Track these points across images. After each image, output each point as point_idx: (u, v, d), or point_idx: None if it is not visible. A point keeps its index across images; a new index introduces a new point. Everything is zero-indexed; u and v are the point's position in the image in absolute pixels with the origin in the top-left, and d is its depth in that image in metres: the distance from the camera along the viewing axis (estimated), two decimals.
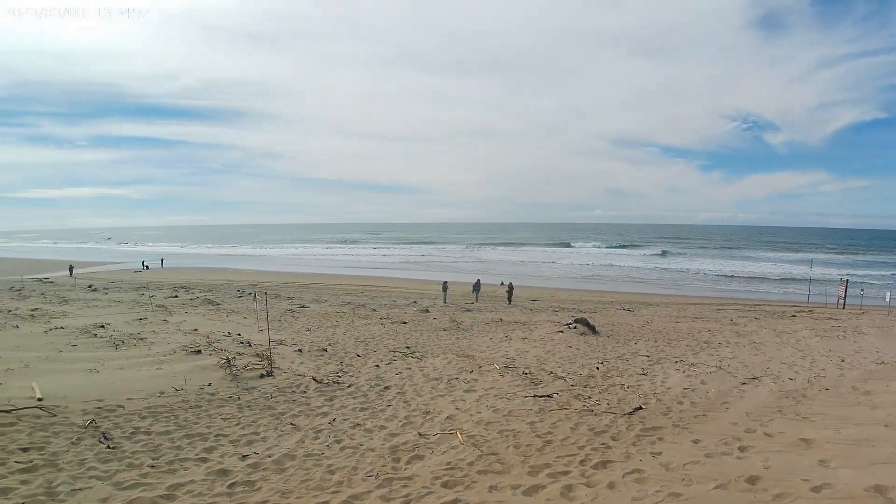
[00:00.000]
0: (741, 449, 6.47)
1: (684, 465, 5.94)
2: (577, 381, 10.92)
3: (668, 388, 10.20)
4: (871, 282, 47.98)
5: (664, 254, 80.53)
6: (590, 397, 9.59)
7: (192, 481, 6.04)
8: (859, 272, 56.59)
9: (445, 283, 33.02)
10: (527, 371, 11.70)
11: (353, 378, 11.17)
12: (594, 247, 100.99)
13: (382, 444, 7.35)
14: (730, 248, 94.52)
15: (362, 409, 9.08)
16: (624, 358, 13.58)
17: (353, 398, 9.74)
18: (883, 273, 57.74)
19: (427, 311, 25.09)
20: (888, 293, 31.71)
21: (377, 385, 10.63)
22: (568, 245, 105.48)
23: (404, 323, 20.37)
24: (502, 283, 39.48)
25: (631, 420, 8.09)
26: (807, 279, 45.58)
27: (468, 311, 26.25)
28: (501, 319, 21.99)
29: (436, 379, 11.10)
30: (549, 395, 9.59)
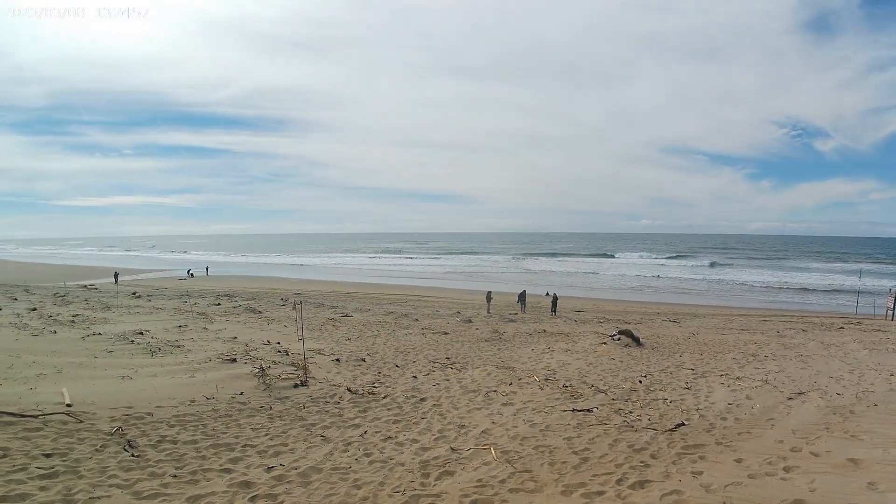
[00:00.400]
0: (786, 469, 6.34)
1: (726, 486, 5.85)
2: (619, 395, 10.79)
3: (712, 404, 10.00)
4: None
5: (713, 265, 78.72)
6: (631, 412, 9.47)
7: (213, 493, 6.03)
8: None
9: (489, 293, 33.00)
10: (567, 384, 11.61)
11: (390, 389, 11.24)
12: (640, 257, 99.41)
13: (413, 459, 7.29)
14: (778, 259, 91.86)
15: (396, 422, 9.11)
16: (668, 371, 13.36)
17: (388, 410, 9.79)
18: None
19: (470, 321, 25.03)
20: None
21: (413, 396, 10.68)
22: (613, 256, 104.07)
23: (445, 333, 20.37)
24: (547, 294, 39.24)
25: (672, 437, 7.97)
26: (855, 290, 44.04)
27: (511, 321, 26.05)
28: (545, 330, 21.78)
29: (473, 391, 11.10)
30: (588, 410, 9.51)
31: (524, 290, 34.70)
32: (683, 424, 8.54)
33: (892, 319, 30.29)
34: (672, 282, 59.71)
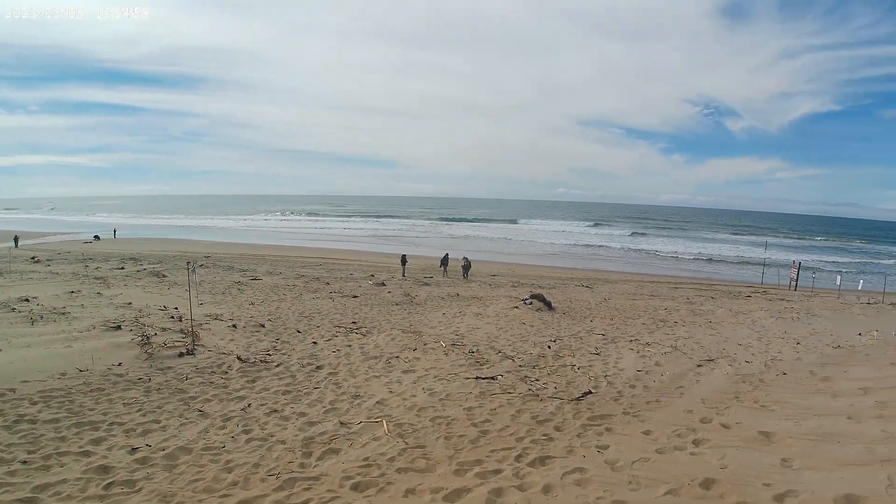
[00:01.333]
0: (695, 443, 5.95)
1: (633, 462, 5.37)
2: (527, 361, 10.31)
3: (621, 370, 9.67)
4: (822, 266, 49.20)
5: (633, 234, 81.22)
6: (537, 380, 8.97)
7: (64, 480, 5.22)
8: (811, 256, 58.17)
9: (404, 256, 32.32)
10: (474, 349, 11.05)
11: (285, 356, 10.31)
12: (558, 224, 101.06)
13: (296, 436, 6.53)
14: (687, 230, 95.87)
15: (285, 392, 8.25)
16: (578, 336, 13.06)
17: (279, 379, 8.89)
18: (834, 259, 59.60)
19: (383, 284, 24.44)
20: (839, 277, 32.80)
21: (309, 364, 9.81)
22: (530, 222, 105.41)
23: (355, 297, 19.51)
24: (465, 259, 38.94)
25: (578, 406, 7.50)
26: (761, 261, 46.34)
27: (426, 285, 25.77)
28: (458, 294, 21.38)
29: (375, 357, 10.36)
30: (492, 378, 8.94)
31: (447, 254, 34.12)
32: (591, 393, 8.10)
33: (796, 289, 32.05)
34: (586, 249, 61.58)
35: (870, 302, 24.12)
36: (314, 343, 11.49)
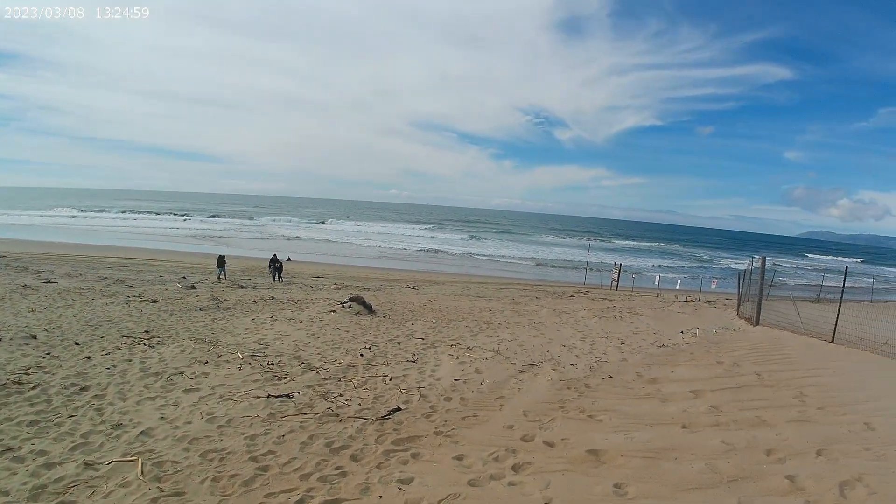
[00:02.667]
0: (515, 468, 5.12)
1: (439, 502, 4.31)
2: (333, 372, 9.07)
3: (438, 380, 8.78)
4: (642, 268, 53.27)
5: (468, 237, 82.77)
6: (341, 395, 7.78)
7: None
8: (632, 259, 62.72)
9: (221, 256, 29.68)
10: (276, 361, 9.60)
11: (48, 375, 8.13)
12: (385, 227, 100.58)
13: (24, 484, 4.83)
14: (515, 233, 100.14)
15: (32, 424, 6.27)
16: (396, 341, 12.07)
17: (30, 406, 6.83)
18: (653, 261, 65.24)
19: (193, 287, 21.97)
20: (657, 277, 35.19)
21: (74, 385, 7.76)
22: (361, 223, 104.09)
23: (155, 301, 17.03)
24: (289, 259, 39.45)
25: (384, 427, 6.42)
26: (584, 263, 48.79)
27: (241, 287, 23.75)
28: (273, 297, 19.64)
29: (156, 374, 8.54)
30: (287, 395, 7.59)
31: (275, 255, 31.65)
32: (399, 409, 7.07)
33: (616, 289, 33.83)
34: (417, 251, 61.20)
35: (687, 300, 25.80)
36: (88, 358, 9.35)
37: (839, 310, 12.43)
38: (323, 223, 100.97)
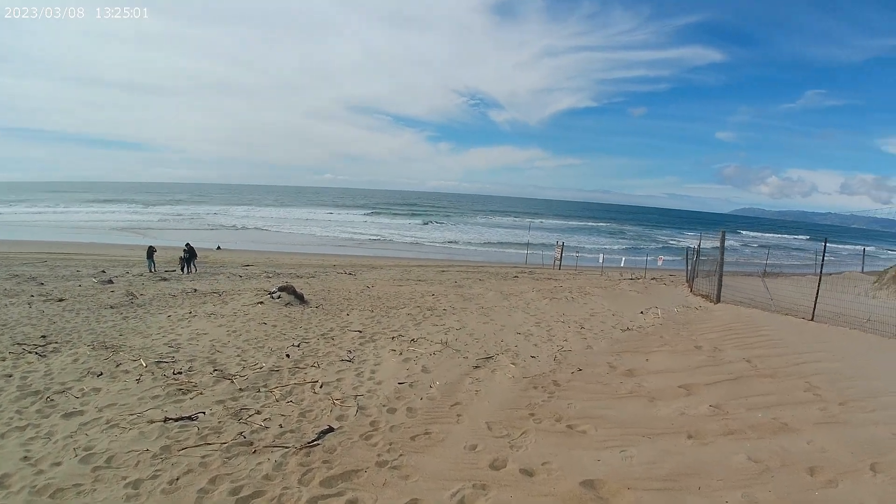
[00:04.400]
0: None
1: None
2: (252, 380, 7.48)
3: (379, 384, 7.31)
4: (583, 246, 52.82)
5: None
6: (259, 412, 6.21)
7: None
8: (571, 238, 62.49)
9: (151, 248, 27.37)
10: (184, 368, 7.92)
11: None
12: (321, 210, 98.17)
13: None
14: (453, 215, 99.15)
15: None
16: (330, 336, 10.55)
17: None
18: (592, 240, 65.32)
19: (110, 281, 19.80)
20: (601, 255, 34.56)
21: None
22: (297, 208, 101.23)
23: (61, 300, 14.83)
24: (219, 248, 38.53)
25: (311, 459, 4.92)
26: (524, 243, 48.10)
27: (164, 280, 21.79)
28: (196, 290, 17.73)
29: (34, 393, 6.73)
30: (190, 417, 6.00)
31: (188, 244, 29.45)
32: (331, 430, 5.58)
33: (560, 269, 33.01)
34: (353, 235, 59.25)
35: (633, 278, 25.12)
36: None
37: (819, 286, 11.59)
38: (255, 209, 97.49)
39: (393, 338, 10.27)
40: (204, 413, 6.13)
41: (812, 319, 11.12)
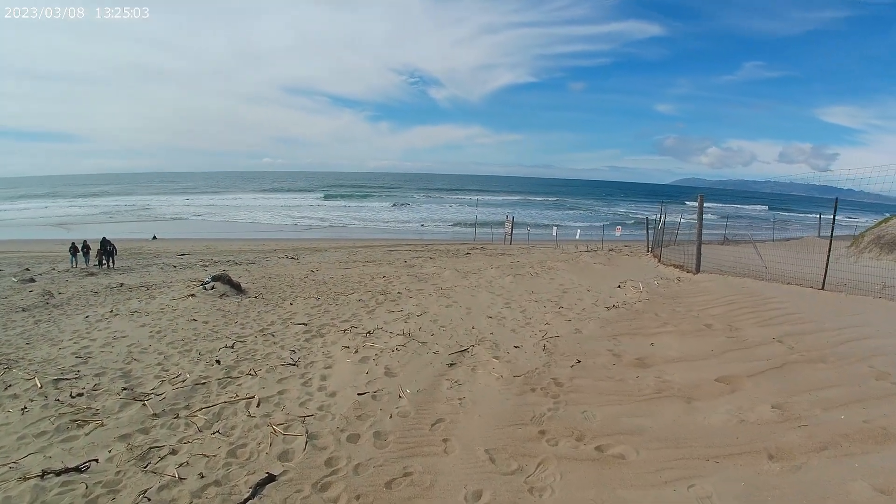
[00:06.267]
0: None
1: None
2: (171, 399, 5.76)
3: (332, 396, 5.69)
4: (531, 220, 51.89)
5: (348, 201, 79.14)
6: (174, 451, 4.53)
7: None
8: (519, 212, 61.55)
9: (85, 242, 24.91)
10: (87, 388, 6.12)
11: None
12: (261, 195, 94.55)
13: None
14: (396, 194, 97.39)
15: None
16: (270, 332, 8.87)
17: None
18: (539, 212, 64.75)
19: (32, 280, 17.62)
20: (555, 228, 33.99)
21: None
22: (237, 194, 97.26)
23: None
24: (155, 237, 36.79)
25: None
26: (472, 219, 46.99)
27: (91, 275, 19.94)
28: (123, 284, 15.68)
29: None
30: (77, 469, 4.26)
31: (104, 238, 26.92)
32: (271, 479, 3.95)
33: (511, 244, 31.97)
34: (296, 219, 56.74)
35: (589, 250, 24.09)
36: None
37: (829, 252, 10.46)
38: (192, 197, 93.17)
39: (344, 331, 8.64)
40: (97, 461, 4.42)
41: (822, 288, 10.01)
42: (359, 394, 5.66)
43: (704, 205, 14.43)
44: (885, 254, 14.04)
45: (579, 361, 6.51)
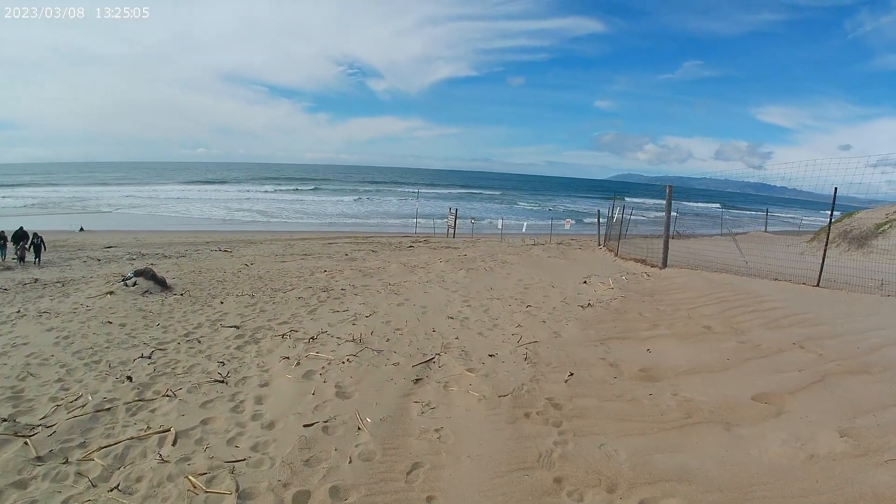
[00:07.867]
0: None
1: None
2: (62, 436, 4.36)
3: (271, 429, 4.40)
4: (473, 214, 51.23)
5: (284, 192, 77.18)
6: None
7: None
8: (459, 206, 60.90)
9: (16, 232, 22.55)
10: None
11: None
12: (193, 186, 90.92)
13: None
14: (333, 186, 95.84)
15: None
16: (195, 337, 7.50)
17: None
18: (479, 206, 64.84)
19: None
20: (501, 221, 33.60)
21: None
22: (172, 185, 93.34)
23: None
24: (82, 229, 34.33)
25: None
26: (413, 212, 46.06)
27: (8, 269, 18.52)
28: (37, 280, 13.96)
29: None
30: None
31: (21, 228, 24.49)
32: None
33: (455, 237, 31.33)
34: (230, 210, 54.27)
35: (536, 243, 23.31)
36: None
37: (825, 249, 9.78)
38: (123, 188, 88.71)
39: (283, 336, 7.35)
40: None
41: (818, 285, 9.31)
42: (305, 425, 4.38)
43: (649, 201, 13.81)
44: (854, 248, 13.67)
45: (572, 374, 5.42)
